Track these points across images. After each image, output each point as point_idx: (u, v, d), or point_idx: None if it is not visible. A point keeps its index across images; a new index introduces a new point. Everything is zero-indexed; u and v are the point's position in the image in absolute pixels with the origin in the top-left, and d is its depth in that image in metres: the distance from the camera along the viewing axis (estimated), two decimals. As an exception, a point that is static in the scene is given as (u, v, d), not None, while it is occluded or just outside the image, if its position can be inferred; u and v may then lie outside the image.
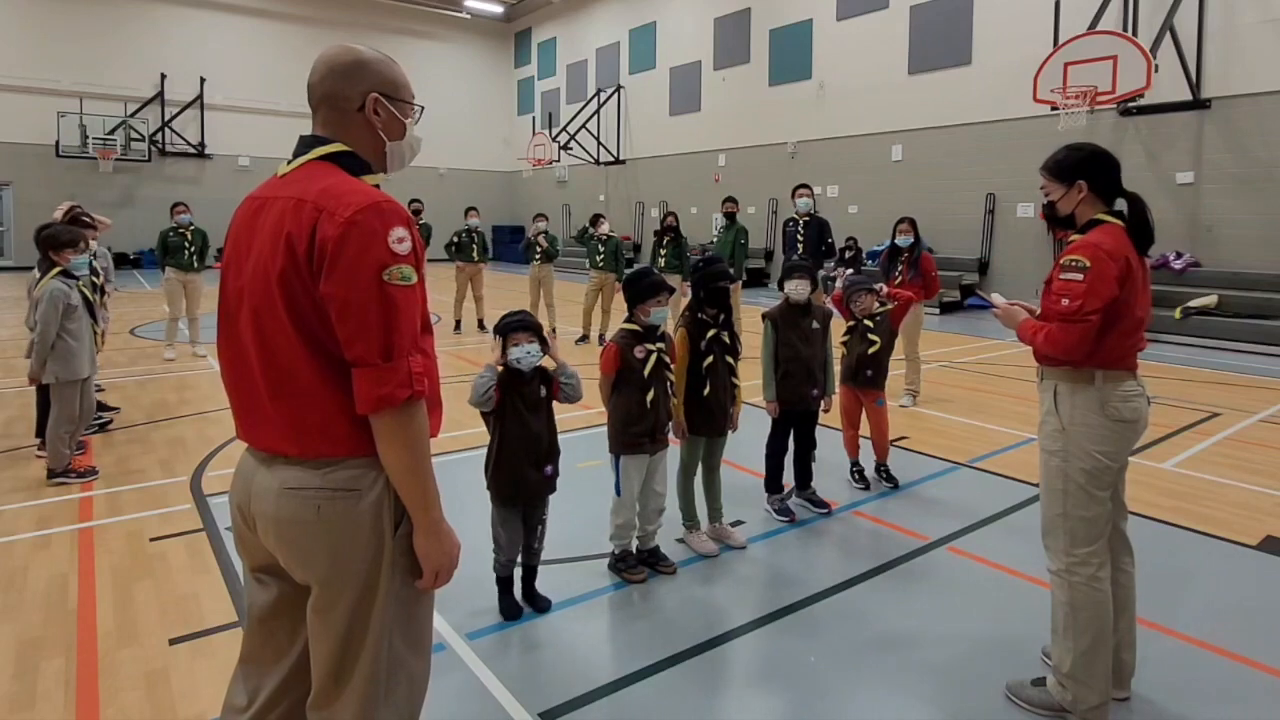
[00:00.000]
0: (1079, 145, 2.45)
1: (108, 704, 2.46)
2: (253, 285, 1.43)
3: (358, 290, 1.35)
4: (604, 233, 9.56)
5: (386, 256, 1.37)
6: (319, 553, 1.44)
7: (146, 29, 20.83)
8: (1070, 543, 2.35)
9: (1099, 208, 2.38)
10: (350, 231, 1.35)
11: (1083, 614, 2.32)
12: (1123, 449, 2.36)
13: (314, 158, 1.50)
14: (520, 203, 26.47)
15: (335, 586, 1.45)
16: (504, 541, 3.01)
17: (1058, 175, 2.42)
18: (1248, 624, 3.01)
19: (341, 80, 1.52)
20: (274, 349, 1.41)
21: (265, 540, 1.49)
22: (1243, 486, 4.60)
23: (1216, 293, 10.33)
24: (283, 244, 1.38)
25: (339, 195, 1.39)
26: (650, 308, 3.25)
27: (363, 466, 1.44)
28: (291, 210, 1.40)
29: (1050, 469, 2.38)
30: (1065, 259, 2.28)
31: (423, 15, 25.14)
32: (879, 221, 13.69)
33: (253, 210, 1.49)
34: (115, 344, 8.70)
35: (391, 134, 1.58)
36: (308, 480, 1.43)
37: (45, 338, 4.36)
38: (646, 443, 3.27)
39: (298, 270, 1.37)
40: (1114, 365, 2.31)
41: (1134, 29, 10.79)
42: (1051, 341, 2.27)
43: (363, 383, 1.37)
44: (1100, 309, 2.21)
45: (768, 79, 17.60)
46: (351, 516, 1.43)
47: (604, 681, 2.59)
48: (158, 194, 20.65)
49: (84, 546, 3.64)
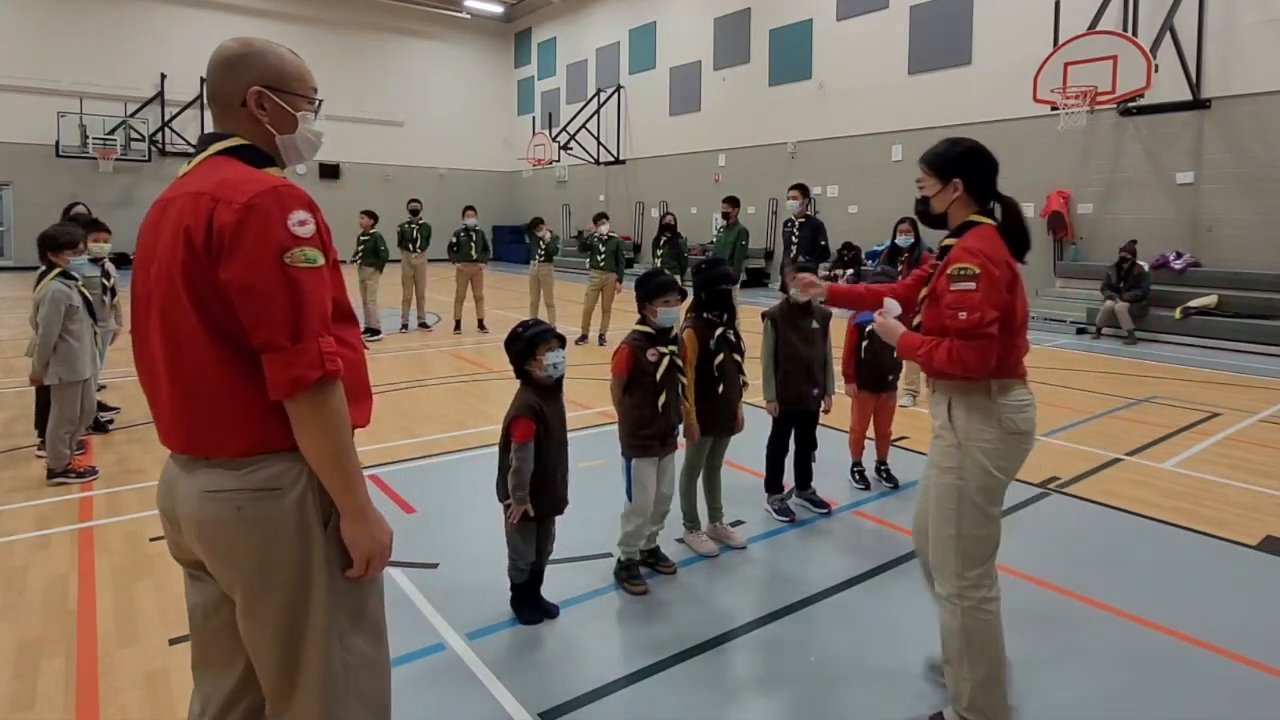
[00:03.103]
0: (958, 140, 2.33)
1: (108, 704, 2.46)
2: (158, 283, 1.41)
3: (259, 275, 1.33)
4: (604, 233, 9.55)
5: (286, 239, 1.35)
6: (243, 556, 1.40)
7: (146, 29, 20.83)
8: (962, 565, 2.22)
9: (972, 209, 2.29)
10: (247, 217, 1.33)
11: (976, 641, 2.21)
12: (1018, 463, 2.25)
13: (213, 153, 1.47)
14: (520, 203, 26.46)
15: (263, 589, 1.41)
16: (523, 549, 2.98)
17: (936, 170, 2.31)
18: (1248, 624, 3.01)
19: (223, 74, 1.50)
20: (181, 347, 1.39)
21: (192, 545, 1.47)
22: (1243, 486, 4.60)
23: (1216, 293, 10.33)
24: (181, 238, 1.36)
25: (235, 184, 1.37)
26: (658, 308, 3.23)
27: (283, 462, 1.41)
28: (189, 204, 1.38)
29: (944, 487, 2.24)
30: (953, 268, 2.16)
31: (423, 15, 25.12)
32: (879, 221, 13.70)
33: (158, 212, 1.48)
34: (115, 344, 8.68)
35: (280, 127, 1.53)
36: (227, 482, 1.40)
37: (47, 339, 4.36)
38: (656, 445, 3.25)
39: (197, 261, 1.35)
40: (1007, 373, 2.20)
41: (1134, 29, 10.79)
42: (957, 360, 2.12)
43: (273, 367, 1.34)
44: (996, 319, 2.11)
45: (768, 79, 17.60)
46: (275, 516, 1.40)
47: (604, 681, 2.59)
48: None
49: (84, 546, 3.64)
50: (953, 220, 2.32)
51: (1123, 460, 5.10)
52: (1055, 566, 3.47)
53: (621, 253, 9.62)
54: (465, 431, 5.55)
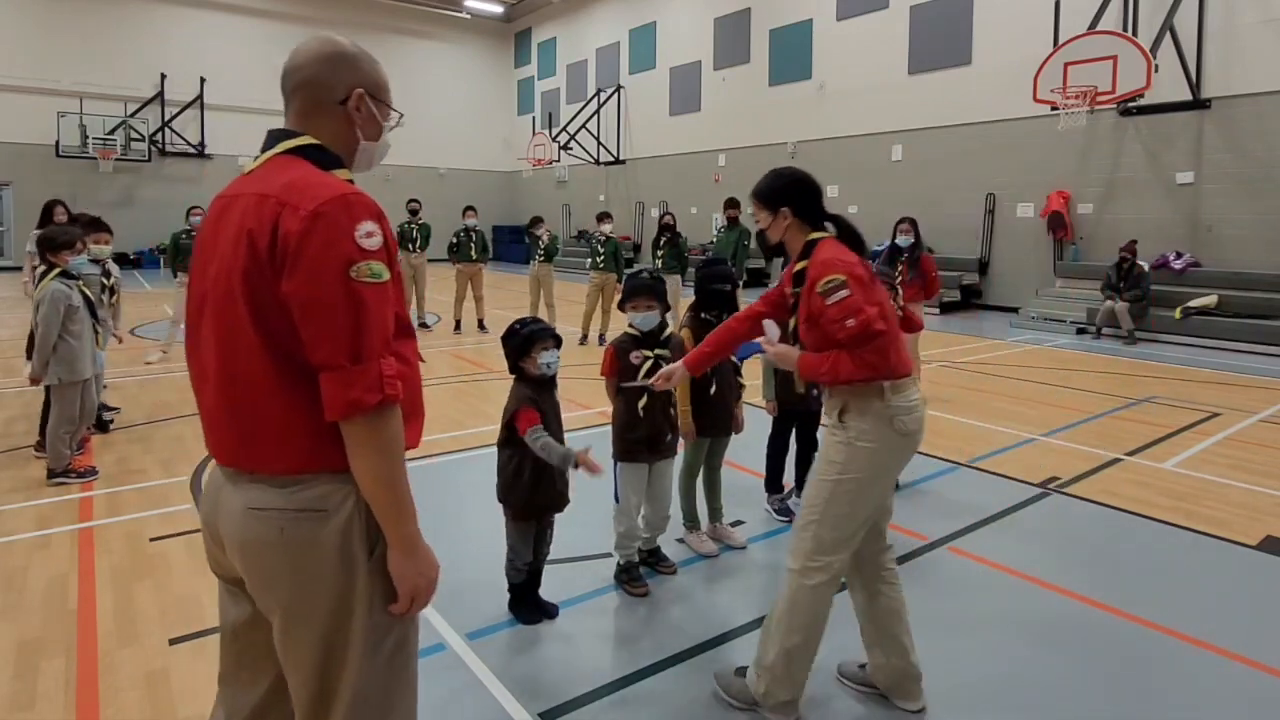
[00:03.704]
0: (781, 171, 2.44)
1: (108, 704, 2.46)
2: (215, 287, 1.34)
3: (322, 288, 1.26)
4: (604, 233, 9.55)
5: (354, 252, 1.28)
6: (283, 580, 1.34)
7: (146, 29, 20.83)
8: (814, 548, 2.28)
9: (806, 231, 2.38)
10: (314, 226, 1.26)
11: (799, 614, 2.29)
12: (902, 463, 2.34)
13: (280, 151, 1.41)
14: (520, 203, 26.47)
15: (300, 616, 1.35)
16: (521, 549, 2.98)
17: (765, 202, 2.41)
18: (1248, 624, 3.01)
19: (327, 69, 1.45)
20: (234, 355, 1.32)
21: (232, 560, 1.41)
22: (1243, 486, 4.60)
23: (1216, 293, 10.33)
24: (244, 241, 1.29)
25: (303, 188, 1.30)
26: (629, 311, 3.23)
27: (331, 484, 1.34)
28: (254, 206, 1.31)
29: (822, 476, 2.31)
30: (820, 285, 2.21)
31: (423, 15, 25.14)
32: (879, 221, 13.66)
33: (219, 210, 1.42)
34: (115, 344, 8.68)
35: (368, 134, 1.52)
36: (271, 500, 1.33)
37: (46, 339, 4.36)
38: (643, 451, 3.21)
39: (259, 268, 1.28)
40: (896, 373, 2.23)
41: (1134, 29, 10.79)
42: (861, 365, 2.17)
43: (330, 387, 1.27)
44: (879, 314, 2.18)
45: (768, 79, 17.60)
46: (318, 539, 1.32)
47: (604, 681, 2.59)
48: (158, 194, 20.68)
49: (84, 546, 3.64)
50: (791, 246, 2.42)
51: (1123, 460, 5.10)
52: (1055, 566, 3.47)
53: (621, 253, 9.62)
54: (465, 431, 5.55)
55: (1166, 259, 11.18)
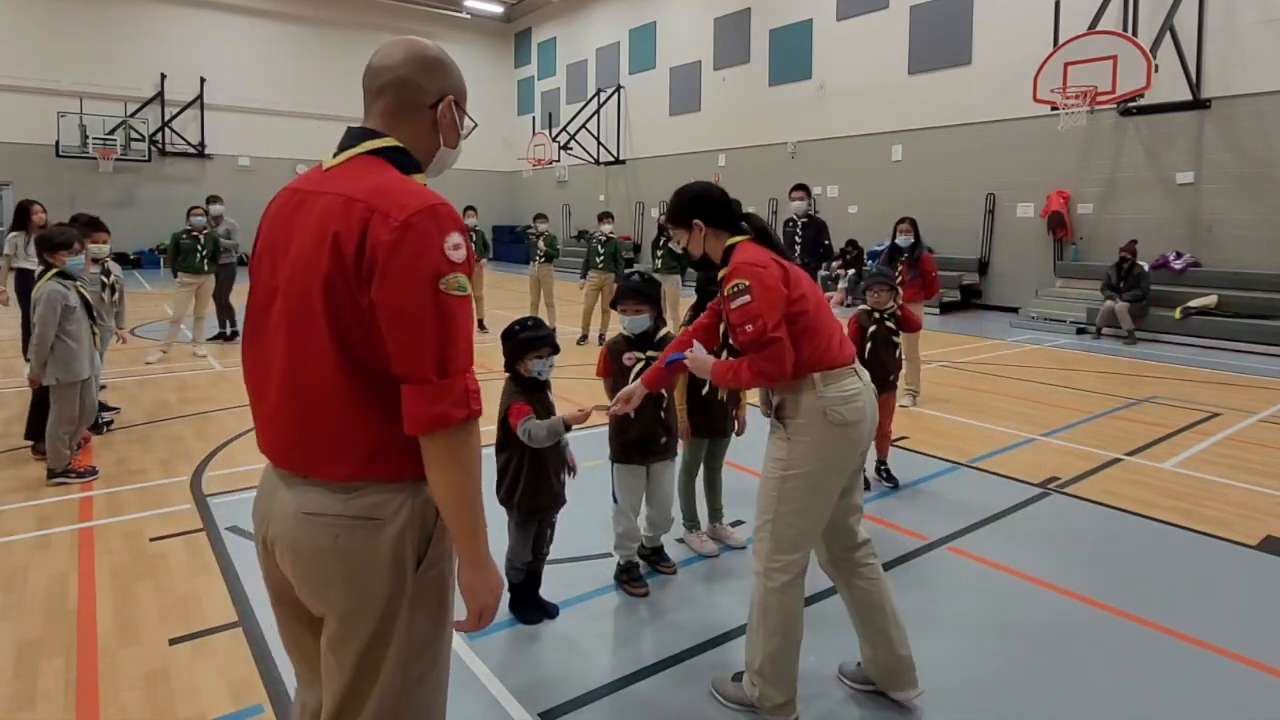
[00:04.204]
0: (683, 189, 2.51)
1: (108, 704, 2.46)
2: (291, 285, 1.32)
3: (412, 300, 1.24)
4: (605, 233, 9.55)
5: (443, 264, 1.26)
6: (335, 585, 1.33)
7: (146, 29, 20.83)
8: (773, 548, 2.30)
9: (724, 237, 2.42)
10: (405, 236, 1.24)
11: (772, 617, 2.30)
12: (850, 454, 2.31)
13: (363, 151, 1.38)
14: (520, 203, 26.47)
15: (350, 622, 1.34)
16: (519, 549, 2.98)
17: (675, 220, 2.48)
18: (1248, 624, 3.01)
19: (423, 72, 1.44)
20: (304, 359, 1.30)
21: (282, 565, 1.39)
22: (1243, 486, 4.60)
23: (1216, 293, 10.33)
24: (329, 245, 1.27)
25: (393, 195, 1.28)
26: (620, 314, 3.23)
27: (387, 493, 1.33)
28: (339, 208, 1.29)
29: (768, 474, 2.34)
30: (727, 288, 2.26)
31: (423, 15, 25.13)
32: (879, 221, 13.70)
33: (293, 204, 1.39)
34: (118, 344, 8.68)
35: (449, 140, 1.50)
36: (328, 505, 1.32)
37: (44, 340, 4.36)
38: (636, 453, 3.21)
39: (344, 274, 1.26)
40: (827, 364, 2.26)
41: (1134, 29, 10.79)
42: (756, 373, 2.21)
43: (414, 401, 1.25)
44: (780, 321, 2.20)
45: (768, 79, 17.60)
46: (371, 547, 1.31)
47: (604, 681, 2.59)
48: (158, 194, 20.67)
49: (84, 546, 3.64)
50: (714, 255, 2.45)
51: (1123, 460, 5.10)
52: (1055, 566, 3.47)
53: (620, 253, 9.63)
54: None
55: (1166, 259, 11.18)
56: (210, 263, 8.43)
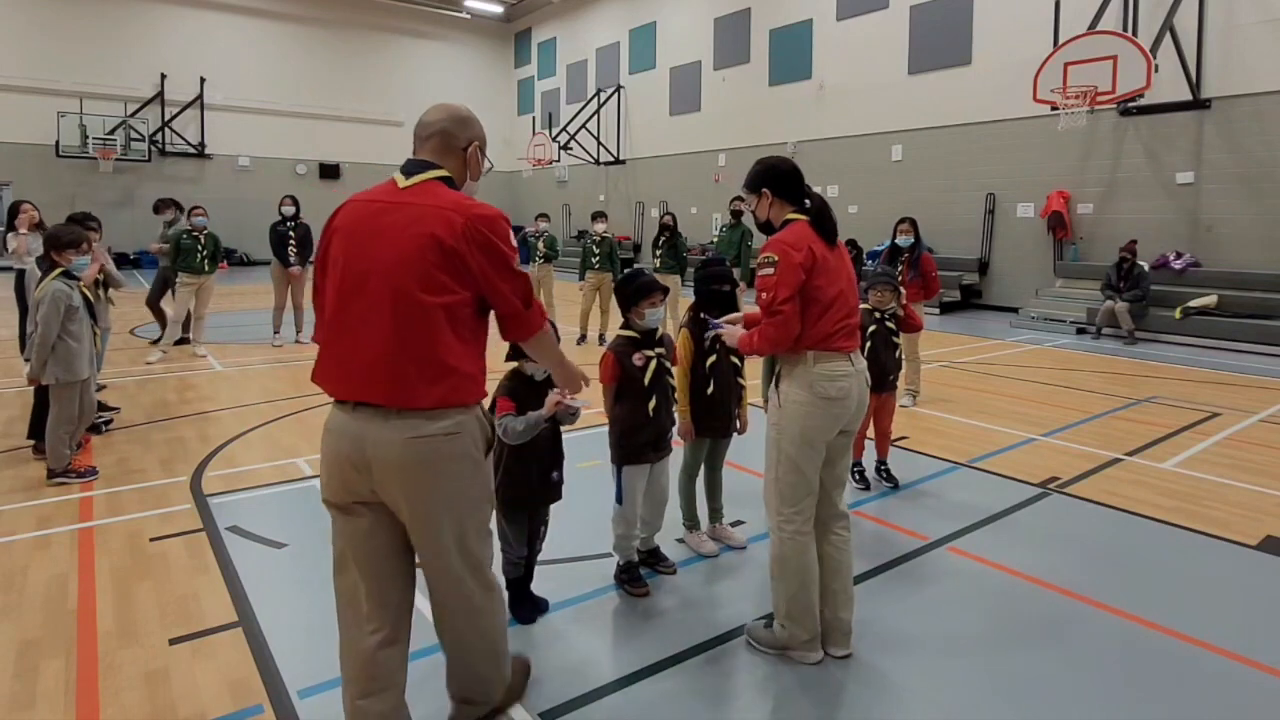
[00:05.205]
0: (763, 159, 2.79)
1: (108, 704, 2.46)
2: (393, 268, 1.87)
3: (504, 270, 1.94)
4: (599, 232, 9.56)
5: (510, 247, 1.98)
6: (442, 482, 1.93)
7: (146, 29, 20.83)
8: (780, 502, 2.65)
9: (788, 210, 2.71)
10: (493, 229, 1.93)
11: (789, 564, 2.64)
12: (829, 424, 2.61)
13: (431, 177, 2.00)
14: (520, 203, 26.45)
15: (449, 504, 1.96)
16: (513, 539, 2.98)
17: (750, 187, 2.78)
18: (1248, 624, 3.02)
19: (458, 125, 2.09)
20: (413, 325, 1.86)
21: (384, 481, 1.91)
22: (1243, 486, 4.60)
23: (1216, 293, 10.33)
24: (431, 240, 1.86)
25: (473, 206, 1.94)
26: (645, 310, 3.21)
27: (459, 413, 1.94)
28: (432, 214, 1.89)
29: (768, 439, 2.70)
30: (761, 256, 2.58)
31: (423, 15, 25.12)
32: (879, 221, 13.68)
33: (373, 211, 1.95)
34: (115, 344, 8.68)
35: (474, 174, 2.15)
36: (426, 429, 1.89)
37: (46, 339, 4.36)
38: (649, 452, 3.22)
39: (448, 258, 1.87)
40: (822, 346, 2.57)
41: (1134, 29, 10.79)
42: (764, 338, 2.57)
43: (515, 325, 2.02)
44: (790, 296, 2.50)
45: (768, 79, 17.60)
46: (459, 451, 1.95)
47: (604, 682, 2.59)
48: (158, 194, 20.50)
49: (84, 546, 3.64)
50: (776, 223, 2.74)
51: (1123, 460, 5.10)
52: (1055, 566, 3.47)
53: (616, 252, 9.65)
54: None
55: (1166, 259, 11.18)
56: (210, 263, 8.41)
